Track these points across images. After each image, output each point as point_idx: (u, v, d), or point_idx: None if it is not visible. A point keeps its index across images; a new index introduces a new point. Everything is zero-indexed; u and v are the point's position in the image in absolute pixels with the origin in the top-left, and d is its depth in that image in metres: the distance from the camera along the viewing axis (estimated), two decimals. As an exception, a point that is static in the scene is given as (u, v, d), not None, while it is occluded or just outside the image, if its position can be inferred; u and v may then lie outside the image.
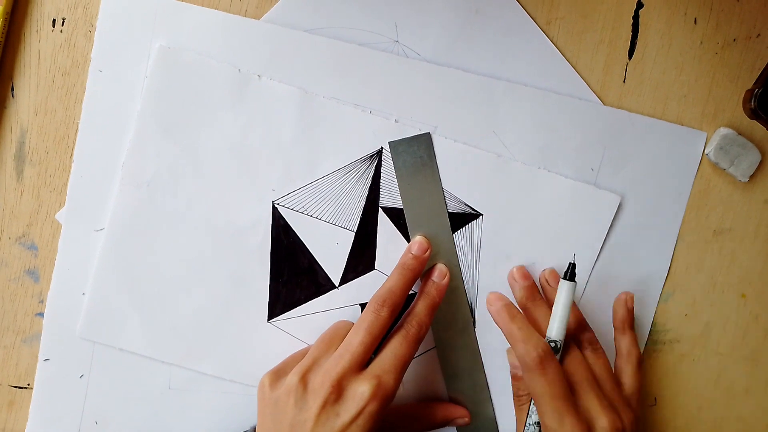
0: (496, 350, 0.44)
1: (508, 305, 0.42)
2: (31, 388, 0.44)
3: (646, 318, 0.46)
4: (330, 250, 0.43)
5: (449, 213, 0.43)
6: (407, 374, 0.44)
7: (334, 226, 0.43)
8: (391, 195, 0.43)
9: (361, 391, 0.36)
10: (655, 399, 0.47)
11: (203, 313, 0.43)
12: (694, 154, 0.45)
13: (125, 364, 0.43)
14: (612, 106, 0.44)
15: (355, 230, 0.43)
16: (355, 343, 0.38)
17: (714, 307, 0.47)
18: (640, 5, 0.43)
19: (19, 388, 0.44)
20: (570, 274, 0.40)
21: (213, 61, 0.41)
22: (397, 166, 0.43)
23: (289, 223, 0.43)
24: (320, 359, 0.38)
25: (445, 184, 0.43)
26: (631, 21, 0.43)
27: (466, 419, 0.44)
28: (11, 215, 0.42)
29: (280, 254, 0.43)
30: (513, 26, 0.43)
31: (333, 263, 0.43)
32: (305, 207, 0.43)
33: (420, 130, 0.43)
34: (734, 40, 0.44)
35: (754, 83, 0.43)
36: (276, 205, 0.42)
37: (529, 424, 0.39)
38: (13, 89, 0.41)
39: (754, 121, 0.43)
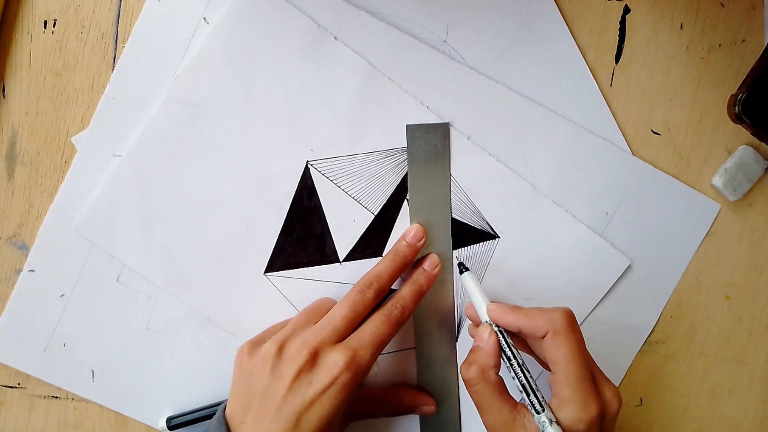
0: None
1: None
2: (23, 388, 0.44)
3: (623, 365, 0.47)
4: (345, 225, 0.43)
5: (466, 224, 0.44)
6: (382, 365, 0.44)
7: (357, 203, 0.43)
8: None
9: (334, 360, 0.36)
10: (641, 399, 0.48)
11: (205, 247, 0.42)
12: (704, 223, 0.46)
13: (109, 292, 0.43)
14: (637, 157, 0.44)
15: (375, 213, 0.43)
16: (337, 316, 0.38)
17: (699, 309, 0.47)
18: (627, 10, 0.44)
19: (9, 387, 0.44)
20: (462, 268, 0.42)
21: (296, 9, 0.41)
22: (411, 151, 0.43)
23: (315, 186, 0.42)
24: (300, 330, 0.38)
25: (470, 193, 0.43)
26: (618, 26, 0.44)
27: (432, 407, 0.44)
28: (2, 215, 0.42)
29: (297, 213, 0.43)
30: (559, 52, 0.43)
31: (344, 238, 0.43)
32: (336, 176, 0.43)
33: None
34: (719, 45, 0.45)
35: (739, 88, 0.44)
36: (309, 165, 0.42)
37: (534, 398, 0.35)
38: (4, 90, 0.41)
39: (738, 125, 0.43)
